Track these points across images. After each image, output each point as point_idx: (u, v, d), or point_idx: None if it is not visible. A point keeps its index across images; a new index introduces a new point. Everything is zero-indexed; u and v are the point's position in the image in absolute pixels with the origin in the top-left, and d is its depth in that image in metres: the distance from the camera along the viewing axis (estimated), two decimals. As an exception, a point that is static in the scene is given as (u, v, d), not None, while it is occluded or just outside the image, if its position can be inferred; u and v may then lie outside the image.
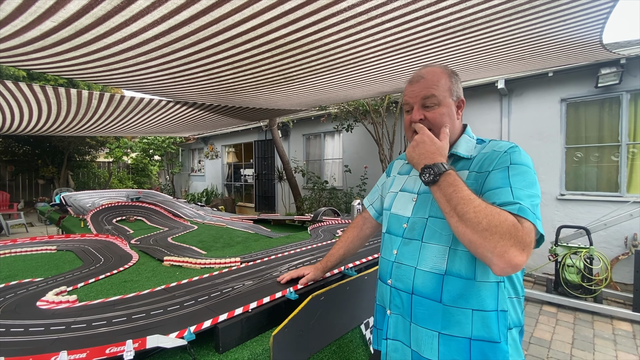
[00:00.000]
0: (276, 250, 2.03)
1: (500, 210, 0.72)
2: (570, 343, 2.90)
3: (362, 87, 3.14)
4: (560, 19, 1.77)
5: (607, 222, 3.89)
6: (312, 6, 1.44)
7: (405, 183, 1.06)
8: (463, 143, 0.98)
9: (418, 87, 0.96)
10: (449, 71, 0.98)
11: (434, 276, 0.87)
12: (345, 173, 7.13)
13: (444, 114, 0.94)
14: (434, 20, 1.68)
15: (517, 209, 0.73)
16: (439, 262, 0.87)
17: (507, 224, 0.69)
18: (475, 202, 0.74)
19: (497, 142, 0.94)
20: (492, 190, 0.81)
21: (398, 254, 0.97)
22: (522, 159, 0.84)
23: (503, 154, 0.87)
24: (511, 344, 0.83)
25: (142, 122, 3.98)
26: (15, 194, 10.43)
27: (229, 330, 0.98)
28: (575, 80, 4.47)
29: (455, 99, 0.97)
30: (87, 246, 2.21)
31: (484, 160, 0.90)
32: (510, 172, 0.81)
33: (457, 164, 0.95)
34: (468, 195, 0.75)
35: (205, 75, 2.27)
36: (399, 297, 0.95)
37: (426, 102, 0.94)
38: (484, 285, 0.83)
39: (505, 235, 0.68)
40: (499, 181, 0.81)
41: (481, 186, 0.85)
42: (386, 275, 1.00)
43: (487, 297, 0.83)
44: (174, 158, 13.42)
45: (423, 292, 0.89)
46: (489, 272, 0.83)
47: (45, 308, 1.17)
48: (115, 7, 1.32)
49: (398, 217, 1.01)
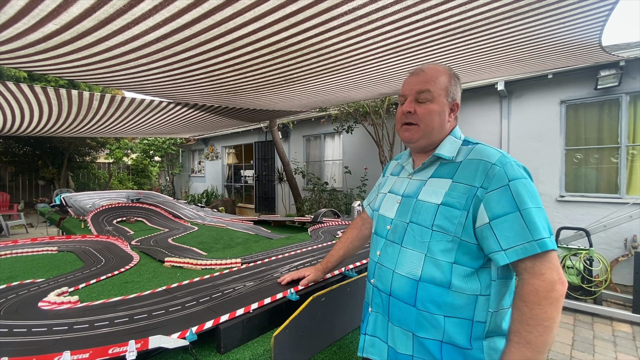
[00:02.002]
0: (277, 251, 2.03)
1: (529, 310, 0.75)
2: (570, 344, 2.90)
3: (362, 89, 3.15)
4: (559, 21, 1.78)
5: (606, 223, 3.89)
6: (313, 9, 1.45)
7: (394, 184, 1.07)
8: (447, 144, 0.96)
9: (416, 79, 0.97)
10: (451, 72, 0.98)
11: (409, 281, 0.89)
12: (345, 174, 7.13)
13: (434, 112, 0.93)
14: (434, 23, 1.69)
15: (540, 245, 0.76)
16: (415, 268, 0.89)
17: (541, 305, 0.75)
18: (529, 338, 0.75)
19: (484, 149, 0.89)
20: (501, 217, 0.80)
21: (380, 255, 1.00)
22: (515, 172, 0.82)
23: (494, 167, 0.83)
24: (489, 352, 0.83)
25: (143, 123, 3.99)
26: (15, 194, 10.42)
27: (231, 330, 0.99)
28: (574, 82, 4.49)
29: (450, 100, 0.96)
30: (88, 247, 2.21)
31: (469, 168, 0.87)
32: (512, 192, 0.80)
33: (442, 169, 0.93)
34: (523, 345, 0.75)
35: (206, 77, 2.28)
36: (379, 296, 0.98)
37: (420, 97, 0.94)
38: (459, 296, 0.84)
39: (549, 306, 0.75)
40: (505, 205, 0.80)
41: (477, 205, 0.83)
42: (371, 275, 1.04)
43: (462, 307, 0.83)
44: (174, 159, 13.42)
45: (399, 295, 0.91)
46: (467, 284, 0.84)
47: (47, 309, 1.18)
48: (117, 10, 1.33)
49: (384, 219, 1.03)
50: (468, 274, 0.84)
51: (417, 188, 0.96)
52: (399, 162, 1.15)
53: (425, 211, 0.90)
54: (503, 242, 0.79)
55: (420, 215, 0.90)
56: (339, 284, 1.31)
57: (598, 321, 3.34)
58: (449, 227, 0.85)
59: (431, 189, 0.92)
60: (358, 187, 6.49)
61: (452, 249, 0.85)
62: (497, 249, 0.80)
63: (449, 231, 0.85)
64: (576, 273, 3.65)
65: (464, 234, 0.84)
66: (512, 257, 0.78)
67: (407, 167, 1.07)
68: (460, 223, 0.84)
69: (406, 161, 1.09)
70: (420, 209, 0.91)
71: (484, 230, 0.82)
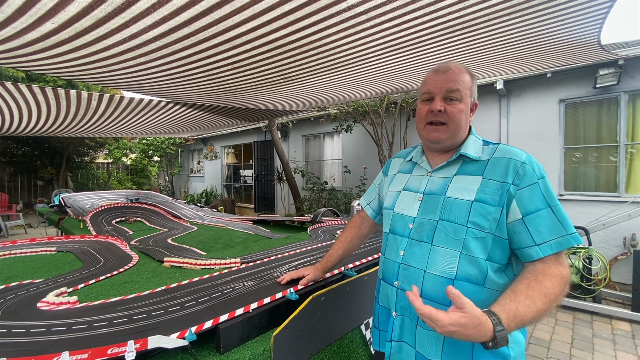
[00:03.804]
0: (276, 251, 2.03)
1: (552, 285, 0.77)
2: (569, 343, 2.91)
3: (361, 88, 3.15)
4: (558, 19, 1.78)
5: (605, 222, 3.90)
6: (311, 7, 1.45)
7: (409, 182, 1.05)
8: (471, 144, 0.96)
9: (444, 77, 0.94)
10: (471, 72, 0.99)
11: (443, 280, 0.86)
12: (344, 174, 7.13)
13: (462, 112, 0.94)
14: (432, 20, 1.69)
15: (574, 238, 0.80)
16: (449, 266, 0.86)
17: (562, 287, 0.78)
18: (540, 308, 0.75)
19: (509, 148, 0.92)
20: (533, 213, 0.83)
21: (405, 255, 0.95)
22: (542, 171, 0.87)
23: (524, 165, 0.86)
24: (513, 347, 0.84)
25: (142, 123, 3.98)
26: (14, 195, 10.39)
27: (230, 330, 0.98)
28: (573, 80, 4.49)
29: (472, 100, 0.97)
30: (87, 247, 2.21)
31: (499, 166, 0.89)
32: (542, 190, 0.84)
33: (468, 167, 0.94)
34: (532, 310, 0.74)
35: (205, 76, 2.27)
36: (406, 298, 0.93)
37: (450, 95, 0.93)
38: (491, 292, 0.84)
39: (563, 293, 0.79)
40: (538, 202, 0.83)
41: (509, 201, 0.85)
42: (392, 277, 0.99)
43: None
44: (173, 159, 13.41)
45: (432, 296, 0.88)
46: (499, 280, 0.84)
47: (45, 309, 1.17)
48: (115, 8, 1.32)
49: (403, 217, 1.00)
50: (499, 270, 0.85)
51: (443, 185, 0.94)
52: (405, 159, 1.13)
53: (457, 208, 0.89)
54: (537, 237, 0.81)
55: (452, 213, 0.89)
56: (339, 283, 1.31)
57: (597, 320, 3.34)
58: (484, 224, 0.85)
59: (461, 186, 0.91)
60: (357, 186, 6.49)
61: (487, 246, 0.85)
62: (530, 244, 0.82)
63: (484, 227, 0.85)
64: (575, 272, 3.66)
65: (498, 229, 0.85)
66: (546, 251, 0.80)
67: (422, 165, 1.05)
68: (495, 219, 0.85)
69: (420, 159, 1.06)
70: (451, 206, 0.90)
71: (516, 225, 0.84)
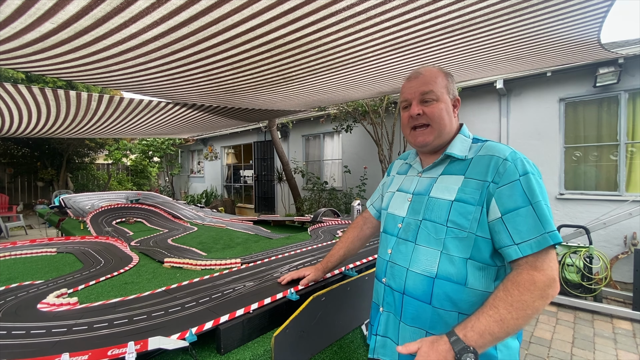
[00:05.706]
0: (276, 251, 2.03)
1: (519, 293, 0.75)
2: (570, 342, 2.90)
3: (361, 88, 3.14)
4: (557, 18, 1.78)
5: (606, 221, 3.89)
6: (310, 6, 1.45)
7: (403, 183, 1.08)
8: (458, 143, 0.98)
9: (416, 82, 0.98)
10: (445, 71, 1.01)
11: (424, 278, 0.88)
12: (344, 174, 7.13)
13: (442, 109, 0.96)
14: (432, 19, 1.68)
15: (552, 237, 0.77)
16: (430, 265, 0.88)
17: (533, 295, 0.75)
18: (505, 317, 0.74)
19: (494, 145, 0.92)
20: (513, 211, 0.81)
21: (392, 253, 0.99)
22: (526, 167, 0.84)
23: (505, 162, 0.85)
24: (501, 350, 0.84)
25: (142, 124, 3.98)
26: (14, 196, 10.39)
27: (231, 331, 0.98)
28: (573, 79, 4.49)
29: (451, 97, 0.99)
30: (87, 248, 2.20)
31: (481, 164, 0.89)
32: (524, 187, 0.81)
33: (452, 167, 0.95)
34: (495, 320, 0.74)
35: (204, 76, 2.27)
36: (391, 295, 0.97)
37: (425, 97, 0.96)
38: (475, 293, 0.84)
39: (539, 299, 0.75)
40: (517, 200, 0.81)
41: (489, 200, 0.84)
42: (381, 274, 1.03)
43: (476, 303, 0.83)
44: (173, 159, 13.41)
45: (414, 293, 0.90)
46: (482, 280, 0.84)
47: (46, 310, 1.17)
48: (114, 8, 1.32)
49: (394, 217, 1.03)
50: (482, 270, 0.85)
51: (428, 185, 0.96)
52: (405, 161, 1.16)
53: (438, 208, 0.90)
54: (516, 237, 0.80)
55: (434, 212, 0.90)
56: (339, 283, 1.30)
57: (598, 319, 3.34)
58: (464, 223, 0.85)
59: (443, 186, 0.92)
60: (357, 186, 6.48)
61: (468, 245, 0.85)
62: (509, 243, 0.80)
63: (464, 227, 0.85)
64: (576, 271, 3.65)
65: (479, 229, 0.84)
66: (525, 250, 0.78)
67: (415, 166, 1.08)
68: (475, 219, 0.84)
69: (414, 160, 1.10)
70: (433, 206, 0.91)
71: (496, 224, 0.83)
